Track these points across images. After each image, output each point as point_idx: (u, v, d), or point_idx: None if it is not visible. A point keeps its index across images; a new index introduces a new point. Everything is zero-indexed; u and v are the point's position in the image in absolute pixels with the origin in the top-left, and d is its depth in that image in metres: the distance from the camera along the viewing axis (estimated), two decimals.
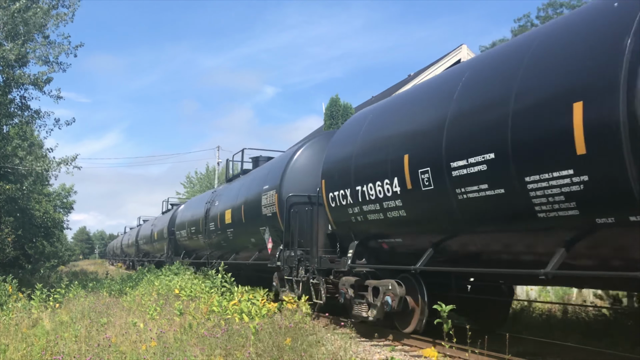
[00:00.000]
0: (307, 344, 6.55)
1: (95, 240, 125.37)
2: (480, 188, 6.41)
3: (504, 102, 6.10)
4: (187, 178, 55.84)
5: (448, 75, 8.19)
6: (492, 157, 6.17)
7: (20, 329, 8.14)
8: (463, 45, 20.82)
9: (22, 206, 25.46)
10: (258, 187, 13.94)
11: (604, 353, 7.00)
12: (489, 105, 6.50)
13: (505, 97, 6.13)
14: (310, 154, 12.57)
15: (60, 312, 10.50)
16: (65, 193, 44.38)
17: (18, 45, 15.10)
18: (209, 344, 6.61)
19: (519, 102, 5.91)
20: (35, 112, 17.12)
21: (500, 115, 6.13)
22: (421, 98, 8.38)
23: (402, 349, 8.24)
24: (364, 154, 9.08)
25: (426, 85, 8.89)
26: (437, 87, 8.13)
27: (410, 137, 7.89)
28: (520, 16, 35.33)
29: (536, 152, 5.63)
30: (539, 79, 5.82)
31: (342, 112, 18.46)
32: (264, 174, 14.16)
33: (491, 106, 6.43)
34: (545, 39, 6.16)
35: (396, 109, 9.05)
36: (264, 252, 13.78)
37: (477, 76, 7.02)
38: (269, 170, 13.96)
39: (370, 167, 8.77)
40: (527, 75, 5.97)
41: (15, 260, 26.95)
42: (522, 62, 6.14)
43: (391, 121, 8.84)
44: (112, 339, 6.95)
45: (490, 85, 6.65)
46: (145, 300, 11.23)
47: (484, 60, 7.40)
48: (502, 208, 6.25)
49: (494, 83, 6.58)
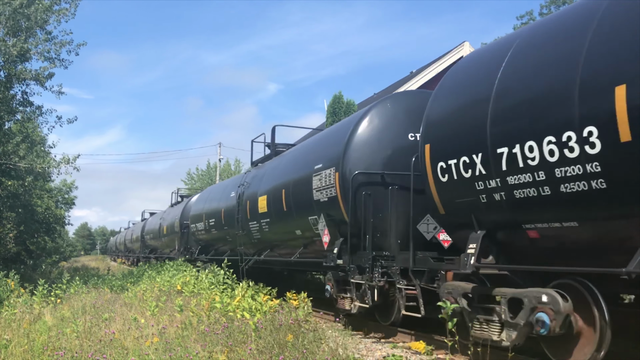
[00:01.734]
0: (308, 340, 6.54)
1: (96, 236, 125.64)
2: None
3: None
4: (188, 174, 55.93)
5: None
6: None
7: (21, 325, 8.16)
8: (465, 43, 20.79)
9: (24, 202, 25.48)
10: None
11: None
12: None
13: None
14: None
15: (61, 307, 10.52)
16: (66, 189, 44.46)
17: (20, 41, 15.12)
18: (210, 340, 6.62)
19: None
20: (38, 107, 17.17)
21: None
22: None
23: (403, 346, 8.23)
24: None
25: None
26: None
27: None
28: (523, 13, 35.19)
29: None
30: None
31: (344, 109, 18.45)
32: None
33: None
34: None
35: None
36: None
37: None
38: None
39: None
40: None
41: (17, 255, 27.02)
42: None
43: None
44: (115, 334, 6.96)
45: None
46: (147, 296, 11.24)
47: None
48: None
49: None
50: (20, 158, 18.45)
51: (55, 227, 32.84)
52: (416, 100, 9.48)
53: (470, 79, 7.19)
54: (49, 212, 30.71)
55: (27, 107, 17.02)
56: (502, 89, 6.22)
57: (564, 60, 5.56)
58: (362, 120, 9.67)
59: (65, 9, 16.16)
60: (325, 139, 11.45)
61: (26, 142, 20.46)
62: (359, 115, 9.99)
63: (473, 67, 7.40)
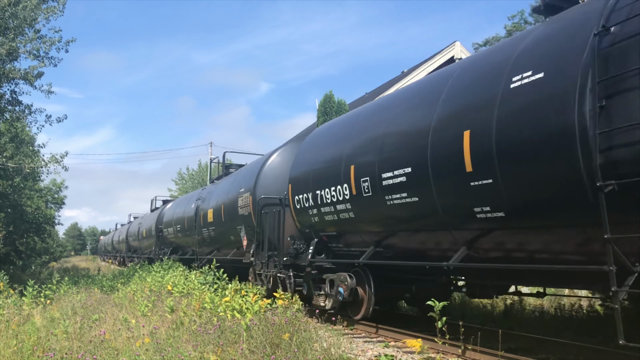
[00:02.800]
0: (301, 340, 6.53)
1: (87, 237, 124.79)
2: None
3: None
4: (179, 175, 55.68)
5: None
6: None
7: (10, 326, 8.07)
8: (456, 42, 20.83)
9: (13, 202, 25.28)
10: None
11: (596, 350, 7.02)
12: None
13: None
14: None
15: (51, 308, 10.43)
16: (56, 188, 44.11)
17: (9, 39, 14.96)
18: (202, 340, 6.59)
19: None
20: (27, 107, 16.98)
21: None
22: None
23: (395, 345, 8.24)
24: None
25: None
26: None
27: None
28: (515, 13, 35.33)
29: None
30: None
31: (335, 108, 18.41)
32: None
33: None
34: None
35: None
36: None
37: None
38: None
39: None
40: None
41: (6, 256, 26.78)
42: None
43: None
44: (105, 335, 6.90)
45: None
46: (137, 297, 11.17)
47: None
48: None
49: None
50: (7, 158, 18.25)
51: (45, 227, 32.58)
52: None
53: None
54: (38, 212, 30.45)
55: (15, 106, 16.84)
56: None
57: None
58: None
59: (54, 7, 16.02)
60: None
61: (15, 142, 20.28)
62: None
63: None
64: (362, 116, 10.00)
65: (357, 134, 9.59)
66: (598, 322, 9.16)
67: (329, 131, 11.26)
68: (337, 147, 10.01)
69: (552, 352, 7.29)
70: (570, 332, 8.67)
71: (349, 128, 10.12)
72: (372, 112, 9.69)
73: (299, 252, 11.42)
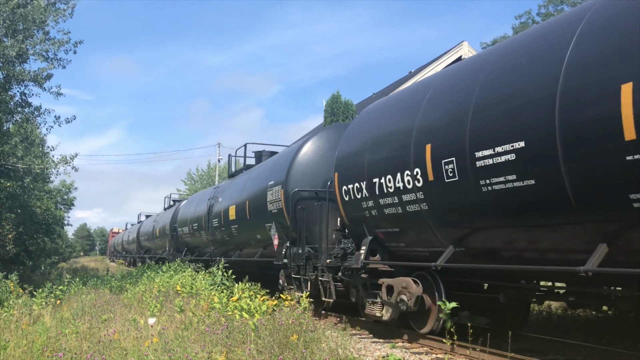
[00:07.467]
0: (308, 340, 6.54)
1: (96, 237, 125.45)
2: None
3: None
4: (188, 175, 55.91)
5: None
6: None
7: (20, 326, 8.13)
8: (464, 42, 20.79)
9: (23, 203, 25.43)
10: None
11: (605, 350, 6.99)
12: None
13: None
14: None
15: (61, 308, 10.51)
16: (65, 189, 44.36)
17: (18, 41, 15.08)
18: (210, 340, 6.61)
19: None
20: (36, 108, 17.12)
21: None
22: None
23: (402, 346, 8.23)
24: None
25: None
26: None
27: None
28: (522, 13, 35.20)
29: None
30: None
31: (343, 108, 18.43)
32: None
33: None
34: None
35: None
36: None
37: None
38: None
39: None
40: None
41: (16, 257, 26.94)
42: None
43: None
44: (114, 335, 6.94)
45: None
46: (146, 297, 11.23)
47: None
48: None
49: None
50: (18, 159, 18.39)
51: (54, 228, 32.78)
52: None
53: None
54: (48, 213, 30.64)
55: (25, 108, 16.98)
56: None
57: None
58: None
59: (62, 9, 16.13)
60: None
61: (24, 143, 20.42)
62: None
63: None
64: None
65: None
66: (607, 323, 9.10)
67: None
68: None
69: (561, 352, 7.26)
70: (579, 333, 8.63)
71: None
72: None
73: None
